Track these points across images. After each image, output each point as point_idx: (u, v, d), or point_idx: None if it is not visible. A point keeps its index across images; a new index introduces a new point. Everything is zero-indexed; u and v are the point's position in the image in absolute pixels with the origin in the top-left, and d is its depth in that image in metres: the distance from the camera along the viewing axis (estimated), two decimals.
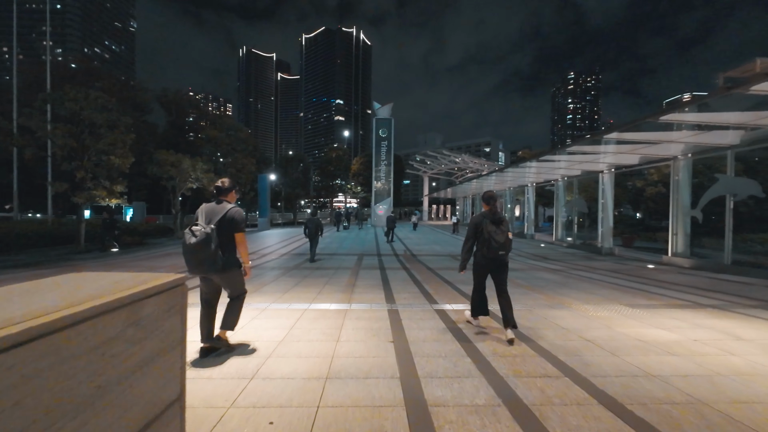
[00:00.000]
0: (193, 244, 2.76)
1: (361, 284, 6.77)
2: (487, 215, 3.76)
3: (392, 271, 8.53)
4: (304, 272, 8.33)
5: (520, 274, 8.28)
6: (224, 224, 2.95)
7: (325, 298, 5.54)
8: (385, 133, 29.43)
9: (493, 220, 3.69)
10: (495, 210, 3.80)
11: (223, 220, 2.95)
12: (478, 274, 3.98)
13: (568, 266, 9.90)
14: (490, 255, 3.69)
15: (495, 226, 3.66)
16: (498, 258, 3.73)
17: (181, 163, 18.62)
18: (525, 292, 6.11)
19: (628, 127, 8.12)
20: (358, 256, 11.80)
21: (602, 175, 13.31)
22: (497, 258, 3.72)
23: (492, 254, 3.68)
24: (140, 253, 12.60)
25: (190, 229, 2.84)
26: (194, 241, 2.76)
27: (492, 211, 3.79)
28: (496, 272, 3.87)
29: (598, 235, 13.45)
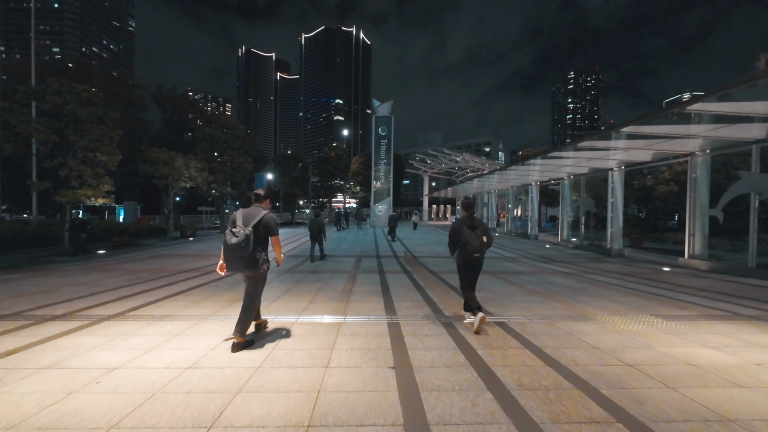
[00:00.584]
0: (234, 243, 3.16)
1: (358, 291, 6.15)
2: (464, 221, 4.03)
3: (392, 275, 7.91)
4: (297, 276, 7.71)
5: (531, 279, 7.66)
6: (260, 228, 3.31)
7: (317, 308, 4.92)
8: (385, 131, 28.80)
9: (470, 225, 3.99)
10: (472, 215, 4.10)
11: (259, 224, 3.31)
12: (462, 274, 4.28)
13: (578, 269, 9.29)
14: (468, 257, 4.02)
15: (471, 231, 3.97)
16: (474, 260, 4.04)
17: (173, 161, 17.98)
18: (541, 300, 5.50)
19: (645, 119, 7.52)
20: (356, 258, 11.19)
21: (612, 172, 12.70)
22: (473, 260, 4.05)
23: (469, 256, 4.01)
24: (127, 254, 11.97)
25: (231, 231, 3.23)
26: (235, 241, 3.16)
27: (469, 216, 4.08)
28: (476, 272, 4.22)
29: (607, 236, 12.85)
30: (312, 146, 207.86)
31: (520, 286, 6.71)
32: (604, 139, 9.31)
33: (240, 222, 3.27)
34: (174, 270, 8.52)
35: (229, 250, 3.20)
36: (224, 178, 23.85)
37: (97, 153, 12.30)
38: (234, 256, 3.20)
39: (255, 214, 3.34)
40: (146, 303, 5.11)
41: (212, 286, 6.53)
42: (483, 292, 6.10)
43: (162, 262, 10.03)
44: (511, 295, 5.91)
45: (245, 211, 3.38)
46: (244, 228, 3.20)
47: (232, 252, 3.18)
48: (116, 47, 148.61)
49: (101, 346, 3.33)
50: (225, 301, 5.29)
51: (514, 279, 7.64)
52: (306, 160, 42.50)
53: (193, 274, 7.89)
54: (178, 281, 6.99)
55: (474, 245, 3.94)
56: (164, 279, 7.24)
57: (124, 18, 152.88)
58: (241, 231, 3.18)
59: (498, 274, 8.35)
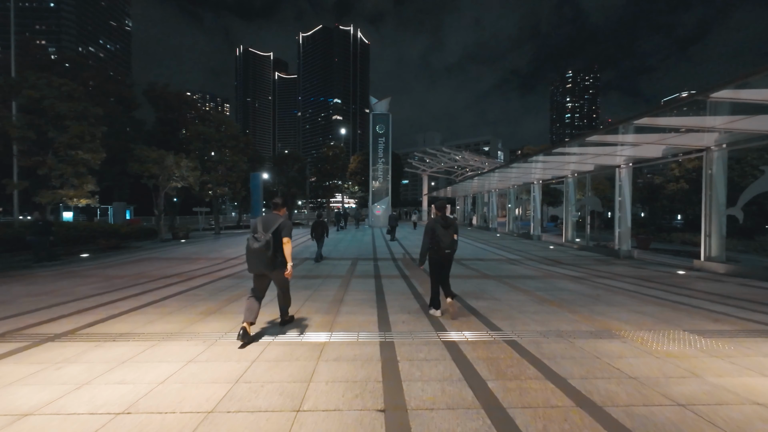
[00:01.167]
0: (257, 248, 3.48)
1: (350, 300, 5.53)
2: (438, 220, 4.41)
3: (389, 281, 7.30)
4: (292, 281, 7.10)
5: (539, 284, 7.06)
6: (278, 233, 3.63)
7: (301, 322, 4.31)
8: (383, 129, 28.16)
9: (443, 225, 4.35)
10: (444, 215, 4.46)
11: (277, 229, 3.63)
12: (434, 271, 4.55)
13: (588, 272, 8.69)
14: (440, 252, 4.36)
15: (444, 230, 4.33)
16: (446, 255, 4.38)
17: (163, 160, 17.34)
18: (555, 312, 4.89)
19: (661, 109, 6.91)
20: (352, 261, 10.58)
21: (619, 170, 12.11)
22: (445, 255, 4.38)
23: (441, 252, 4.35)
24: (111, 258, 11.34)
25: (254, 237, 3.56)
26: (258, 246, 3.48)
27: (442, 216, 4.44)
28: (446, 267, 4.52)
29: (615, 237, 12.25)
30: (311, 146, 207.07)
31: (529, 294, 6.11)
32: (614, 133, 8.71)
33: (261, 228, 3.64)
34: (154, 276, 7.90)
35: (252, 254, 3.57)
36: (218, 177, 23.23)
37: (79, 151, 11.66)
38: (256, 258, 3.56)
39: (273, 220, 3.69)
40: (106, 317, 4.48)
41: (190, 295, 5.92)
42: (488, 300, 5.50)
43: (144, 266, 9.40)
44: (520, 304, 5.30)
45: (265, 218, 3.73)
46: (264, 234, 3.56)
47: (255, 255, 3.55)
48: (113, 47, 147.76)
49: (26, 379, 2.71)
50: (197, 314, 4.68)
51: (520, 284, 7.03)
52: (303, 160, 41.85)
53: (173, 281, 7.26)
54: (154, 289, 6.37)
55: (446, 242, 4.32)
56: (139, 287, 6.61)
57: (120, 17, 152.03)
58: (262, 237, 3.53)
59: (502, 278, 7.75)
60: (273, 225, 3.63)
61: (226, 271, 8.60)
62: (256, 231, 3.63)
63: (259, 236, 3.55)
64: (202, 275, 8.02)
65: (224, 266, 9.45)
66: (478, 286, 6.82)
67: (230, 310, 4.91)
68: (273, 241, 3.53)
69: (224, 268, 9.18)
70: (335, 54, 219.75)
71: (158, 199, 18.24)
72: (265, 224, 3.65)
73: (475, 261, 10.80)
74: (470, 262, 10.46)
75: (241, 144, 25.30)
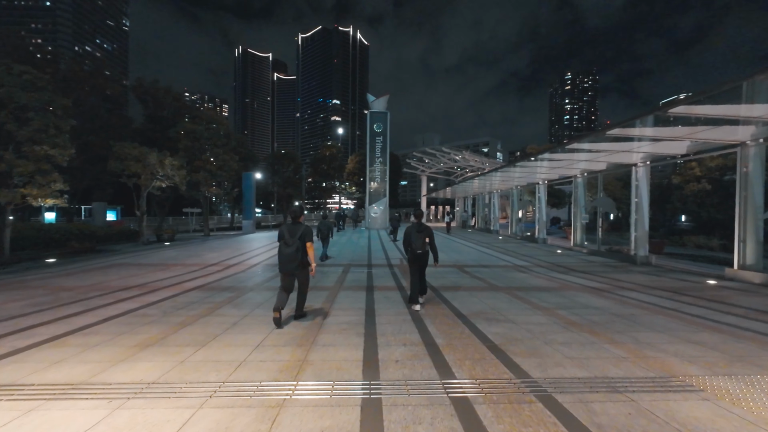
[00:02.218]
0: (289, 252, 4.25)
1: (332, 323, 4.48)
2: (414, 226, 5.27)
3: (383, 295, 6.25)
4: (260, 296, 6.03)
5: (558, 299, 6.01)
6: (302, 238, 4.34)
7: (260, 364, 3.23)
8: (380, 127, 27.11)
9: (417, 230, 5.21)
10: (420, 222, 5.30)
11: (302, 235, 4.34)
12: (411, 265, 5.30)
13: (608, 282, 7.67)
14: (414, 253, 5.19)
15: (417, 234, 5.19)
16: (418, 255, 5.17)
17: (146, 158, 16.25)
18: (590, 343, 3.83)
19: (705, 94, 5.89)
20: (343, 268, 9.54)
21: (636, 168, 11.11)
22: (417, 255, 5.17)
23: (414, 252, 5.18)
24: (78, 264, 10.25)
25: (285, 243, 4.30)
26: (290, 250, 4.25)
27: (418, 223, 5.29)
28: (421, 265, 5.24)
29: (631, 241, 11.25)
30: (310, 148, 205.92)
31: (550, 313, 5.07)
32: (639, 126, 7.70)
33: (288, 236, 4.29)
34: (111, 287, 6.82)
35: (284, 257, 4.24)
36: (207, 177, 22.15)
37: (44, 146, 10.57)
38: (288, 260, 4.21)
39: (297, 228, 4.35)
40: (2, 354, 3.41)
41: (137, 315, 4.85)
42: (503, 325, 4.45)
43: (108, 275, 8.32)
44: (544, 330, 4.26)
45: (289, 228, 4.36)
46: (293, 240, 4.24)
47: (287, 258, 4.21)
48: (110, 46, 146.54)
49: None
50: (130, 347, 3.60)
51: (536, 299, 6.00)
52: (299, 159, 40.78)
53: (129, 294, 6.19)
54: (98, 307, 5.30)
55: (417, 244, 5.13)
56: (84, 303, 5.54)
57: (118, 17, 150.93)
58: (292, 242, 4.24)
59: (513, 290, 6.71)
60: (298, 232, 4.31)
61: (198, 281, 7.53)
62: (283, 237, 4.31)
63: (289, 242, 4.26)
64: (168, 286, 6.95)
65: (199, 275, 8.38)
66: (487, 302, 5.78)
67: (177, 340, 3.83)
68: (301, 244, 4.26)
69: (198, 276, 8.11)
70: (334, 55, 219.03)
71: (140, 199, 17.13)
72: (291, 233, 4.33)
73: (479, 268, 9.77)
74: (474, 270, 9.42)
75: (233, 142, 24.23)
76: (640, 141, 9.60)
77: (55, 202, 11.51)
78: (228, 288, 6.86)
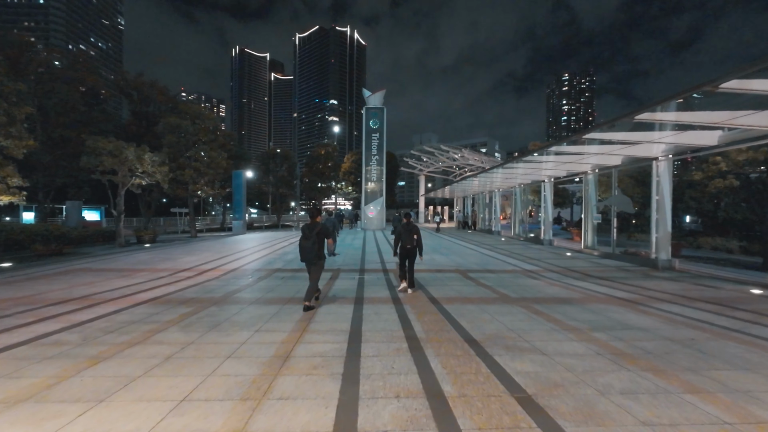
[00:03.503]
0: (307, 246, 5.07)
1: (301, 355, 3.34)
2: (404, 225, 6.37)
3: (374, 310, 5.12)
4: (222, 313, 4.88)
5: (587, 315, 4.89)
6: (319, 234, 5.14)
7: (186, 425, 2.09)
8: (377, 124, 25.99)
9: (407, 229, 6.30)
10: (409, 222, 6.42)
11: (319, 231, 5.13)
12: (401, 259, 6.46)
13: (636, 291, 6.57)
14: (405, 248, 6.26)
15: (407, 232, 6.27)
16: (408, 250, 6.26)
17: (121, 153, 15.02)
18: (659, 388, 2.70)
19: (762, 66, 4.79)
20: (331, 274, 8.40)
21: (657, 163, 10.05)
22: (408, 250, 6.25)
23: (405, 248, 6.26)
24: (34, 269, 9.03)
25: (305, 238, 5.10)
26: (308, 244, 5.06)
27: (407, 223, 6.41)
28: (410, 258, 6.33)
29: (651, 243, 10.18)
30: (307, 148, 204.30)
31: (586, 338, 3.94)
32: (674, 110, 6.62)
33: (307, 232, 5.14)
34: (46, 300, 5.64)
35: (304, 250, 5.11)
36: (193, 174, 20.92)
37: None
38: (307, 252, 5.09)
39: (314, 226, 5.17)
40: None
41: (43, 344, 3.67)
42: (529, 357, 3.30)
43: (53, 283, 7.12)
44: (587, 368, 3.13)
45: (308, 225, 5.21)
46: (311, 235, 5.09)
47: (307, 251, 5.09)
48: (105, 45, 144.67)
49: None
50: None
51: (560, 315, 4.89)
52: (293, 158, 39.56)
53: (61, 310, 5.01)
54: (5, 330, 4.12)
55: (407, 240, 6.25)
56: None
57: (112, 15, 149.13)
58: (310, 237, 5.09)
59: (530, 303, 5.59)
60: (315, 229, 5.12)
61: (157, 291, 6.35)
62: (303, 233, 5.14)
63: (308, 236, 5.09)
64: (116, 299, 5.78)
65: (163, 282, 7.21)
66: (502, 319, 4.65)
67: (69, 390, 2.65)
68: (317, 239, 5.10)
69: (161, 285, 6.93)
70: (332, 55, 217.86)
71: (118, 198, 15.88)
72: (310, 229, 5.14)
73: (484, 273, 8.66)
74: (479, 275, 8.31)
75: (221, 138, 23.01)
76: (663, 130, 8.56)
77: (10, 198, 10.29)
78: (188, 301, 5.70)
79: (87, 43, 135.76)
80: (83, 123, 20.27)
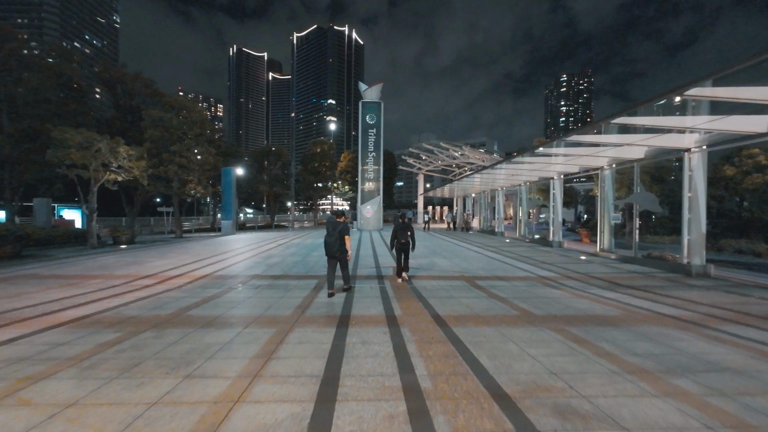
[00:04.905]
0: (331, 241, 5.87)
1: (248, 415, 2.07)
2: (401, 224, 7.21)
3: (361, 337, 3.83)
4: (154, 345, 3.58)
5: (646, 344, 3.60)
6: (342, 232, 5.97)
7: None
8: (374, 119, 24.72)
9: (402, 226, 7.19)
10: (404, 221, 7.30)
11: (340, 230, 5.95)
12: (397, 253, 7.26)
13: (684, 306, 5.32)
14: (399, 244, 7.13)
15: (402, 230, 7.14)
16: (403, 244, 7.14)
17: (92, 145, 13.68)
18: None
19: None
20: (316, 282, 7.14)
21: (689, 155, 8.85)
22: (402, 244, 7.13)
23: (399, 244, 7.13)
24: None
25: (329, 234, 5.92)
26: (332, 240, 5.87)
27: (403, 222, 7.26)
28: (404, 252, 7.19)
29: (683, 247, 8.96)
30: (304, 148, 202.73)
31: (667, 388, 2.68)
32: (736, 85, 5.38)
33: (331, 229, 5.94)
34: None
35: (329, 245, 5.90)
36: (178, 171, 19.59)
37: None
38: (330, 247, 5.88)
39: (337, 224, 5.99)
40: None
41: None
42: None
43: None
44: None
45: (333, 224, 6.02)
46: (335, 232, 5.89)
47: (330, 246, 5.88)
48: (100, 42, 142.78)
49: None
50: None
51: (608, 344, 3.62)
52: (288, 155, 38.21)
53: None
54: None
55: (402, 236, 7.13)
56: None
57: (108, 13, 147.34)
58: (334, 234, 5.88)
59: (562, 324, 4.31)
60: (338, 227, 5.94)
61: (90, 307, 5.04)
62: (328, 230, 5.97)
63: (332, 233, 5.89)
64: (34, 317, 4.50)
65: (106, 295, 5.90)
66: (534, 351, 3.38)
67: None
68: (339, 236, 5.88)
69: (102, 298, 5.62)
70: (330, 54, 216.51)
71: (89, 195, 14.52)
72: (333, 227, 5.95)
73: (494, 281, 7.41)
74: (489, 284, 7.06)
75: (207, 132, 21.69)
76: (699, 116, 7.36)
77: None
78: (122, 321, 4.40)
79: (81, 41, 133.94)
80: (59, 115, 18.88)
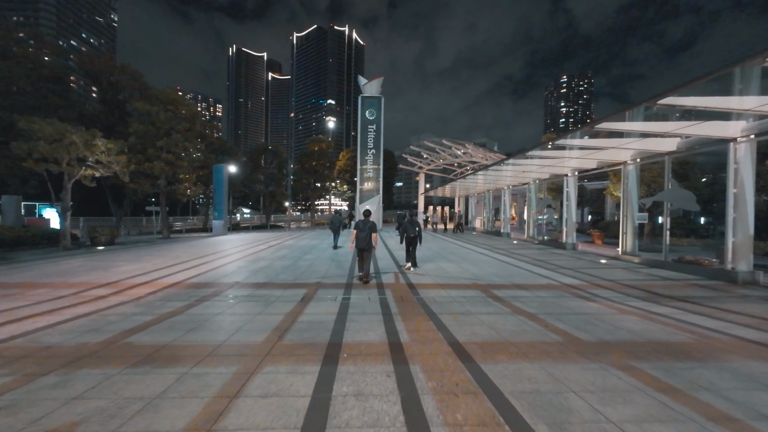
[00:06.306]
0: (363, 236, 6.91)
1: None
2: (409, 221, 8.60)
3: (356, 376, 2.64)
4: (44, 404, 2.41)
5: (757, 393, 2.46)
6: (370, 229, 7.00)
7: None
8: (373, 114, 23.57)
9: (410, 222, 8.53)
10: (412, 218, 8.67)
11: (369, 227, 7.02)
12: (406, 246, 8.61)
13: (763, 326, 4.17)
14: (407, 236, 8.48)
15: (410, 225, 8.49)
16: (411, 238, 8.44)
17: (63, 138, 12.47)
18: None
19: None
20: (305, 292, 5.97)
21: (735, 145, 7.72)
22: (411, 238, 8.43)
23: (409, 237, 8.45)
24: None
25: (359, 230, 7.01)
26: (363, 235, 6.92)
27: (410, 218, 8.67)
28: (413, 245, 8.49)
29: (727, 251, 7.82)
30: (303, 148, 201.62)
31: None
32: None
33: (362, 226, 7.01)
34: None
35: (360, 239, 6.90)
36: (164, 168, 18.38)
37: None
38: (362, 241, 6.87)
39: (367, 222, 7.08)
40: None
41: None
42: None
43: None
44: None
45: (363, 222, 7.10)
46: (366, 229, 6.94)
47: (361, 240, 6.88)
48: (97, 41, 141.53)
49: None
50: None
51: (713, 396, 2.46)
52: (284, 154, 37.01)
53: None
54: None
55: (410, 230, 8.45)
56: None
57: (105, 12, 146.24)
58: (365, 230, 6.93)
59: (626, 358, 3.11)
60: (368, 224, 7.03)
61: (3, 331, 3.84)
62: (358, 227, 7.03)
63: (363, 229, 6.94)
64: None
65: (40, 311, 4.70)
66: (617, 420, 2.19)
67: None
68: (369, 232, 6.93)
69: (30, 316, 4.42)
70: (329, 54, 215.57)
71: (63, 192, 13.28)
72: (363, 224, 7.04)
73: (514, 291, 6.26)
74: (509, 294, 5.90)
75: (197, 127, 20.48)
76: (747, 97, 6.26)
77: None
78: (28, 355, 3.21)
79: (78, 39, 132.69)
80: (37, 108, 17.66)
